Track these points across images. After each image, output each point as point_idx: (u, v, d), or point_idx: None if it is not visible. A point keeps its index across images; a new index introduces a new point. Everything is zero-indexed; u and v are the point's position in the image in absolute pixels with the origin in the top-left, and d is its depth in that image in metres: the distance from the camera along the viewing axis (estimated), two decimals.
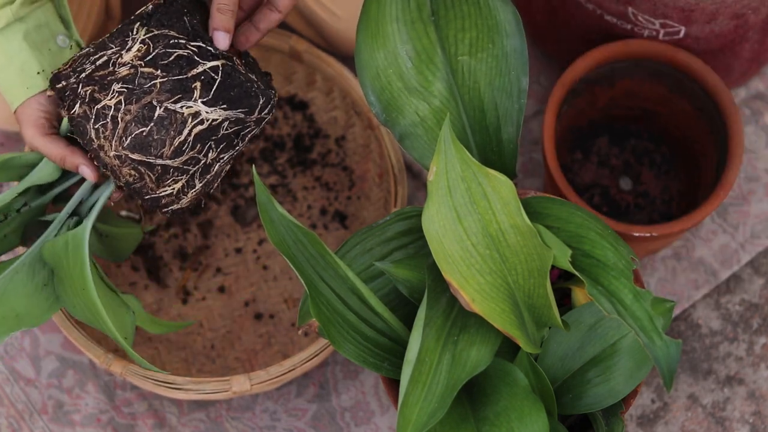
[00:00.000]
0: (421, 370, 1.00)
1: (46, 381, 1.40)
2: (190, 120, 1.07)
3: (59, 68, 1.11)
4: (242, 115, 1.09)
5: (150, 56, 1.07)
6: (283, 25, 1.48)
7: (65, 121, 1.13)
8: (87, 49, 1.11)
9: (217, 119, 1.08)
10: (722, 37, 1.35)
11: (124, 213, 1.43)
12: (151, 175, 1.09)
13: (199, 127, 1.08)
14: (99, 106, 1.07)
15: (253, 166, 1.05)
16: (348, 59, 1.46)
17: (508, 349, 1.09)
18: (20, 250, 1.30)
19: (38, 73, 1.12)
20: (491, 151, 1.12)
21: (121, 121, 1.07)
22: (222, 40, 1.08)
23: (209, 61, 1.07)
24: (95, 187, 1.16)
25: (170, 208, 1.13)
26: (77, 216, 1.19)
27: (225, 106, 1.08)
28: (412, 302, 1.08)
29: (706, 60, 1.38)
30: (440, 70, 1.12)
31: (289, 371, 1.27)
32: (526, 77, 1.11)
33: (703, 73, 1.34)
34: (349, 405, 1.40)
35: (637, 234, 1.29)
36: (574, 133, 1.45)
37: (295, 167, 1.45)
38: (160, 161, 1.08)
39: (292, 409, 1.40)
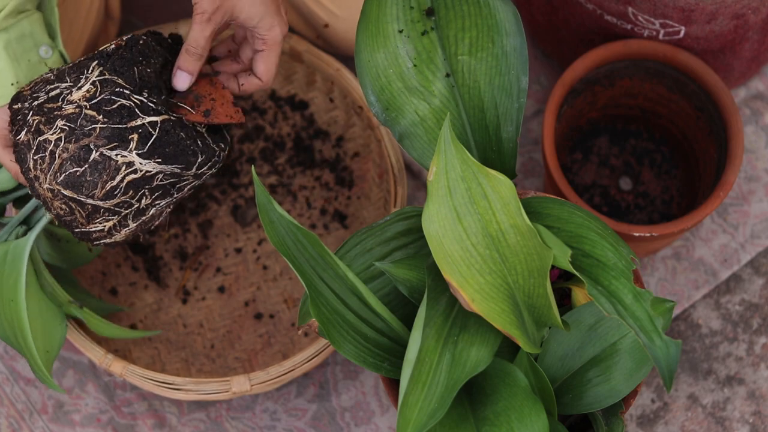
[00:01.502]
0: (421, 370, 1.00)
1: None
2: (123, 168, 1.09)
3: (22, 88, 1.13)
4: (178, 170, 1.11)
5: (95, 100, 1.09)
6: None
7: None
8: (49, 75, 1.13)
9: (151, 171, 1.10)
10: (722, 37, 1.35)
11: None
12: (82, 212, 1.11)
13: (133, 176, 1.10)
14: (41, 138, 1.09)
15: (253, 166, 1.05)
16: (348, 59, 1.46)
17: (508, 349, 1.09)
18: None
19: (12, 84, 1.14)
20: (491, 150, 1.12)
21: (59, 157, 1.09)
22: (181, 81, 1.12)
23: (149, 116, 1.09)
24: None
25: (102, 241, 1.14)
26: (27, 225, 1.21)
27: (160, 160, 1.10)
28: (412, 302, 1.08)
29: (706, 60, 1.38)
30: (440, 70, 1.12)
31: (289, 371, 1.27)
32: (525, 77, 1.11)
33: (703, 73, 1.34)
34: (349, 405, 1.40)
35: (637, 234, 1.29)
36: (574, 133, 1.45)
37: (295, 167, 1.45)
38: (90, 201, 1.10)
39: (292, 409, 1.40)
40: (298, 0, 1.40)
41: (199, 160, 1.12)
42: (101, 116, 1.09)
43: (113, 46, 1.12)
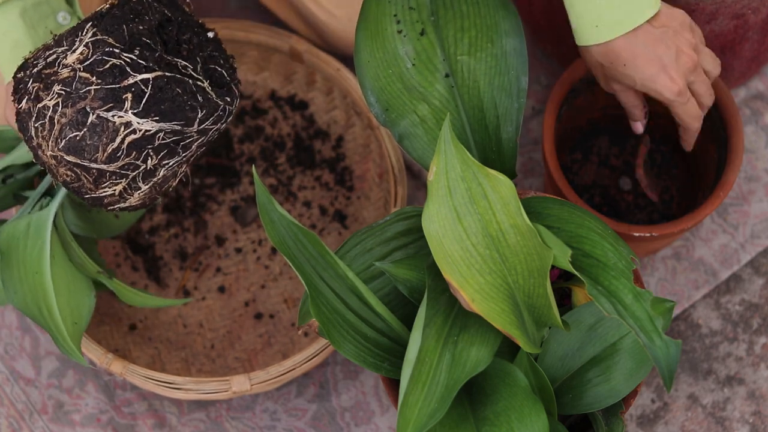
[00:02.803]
0: (421, 370, 1.00)
1: (46, 381, 1.40)
2: (122, 129, 1.07)
3: (27, 56, 1.11)
4: (178, 127, 1.08)
5: (88, 61, 1.07)
6: (283, 26, 1.48)
7: None
8: (49, 41, 1.11)
9: (151, 130, 1.07)
10: (722, 37, 1.35)
11: None
12: (88, 177, 1.09)
13: (132, 136, 1.07)
14: (40, 105, 1.08)
15: (253, 166, 1.05)
16: (348, 59, 1.46)
17: (508, 349, 1.09)
18: None
19: (30, 52, 1.12)
20: (491, 150, 1.12)
21: (57, 123, 1.07)
22: None
23: (140, 73, 1.06)
24: None
25: (117, 206, 1.12)
26: (50, 196, 1.19)
27: (157, 118, 1.07)
28: (412, 302, 1.08)
29: None
30: (439, 70, 1.12)
31: (289, 371, 1.27)
32: (525, 76, 1.11)
33: None
34: (349, 405, 1.40)
35: (637, 234, 1.29)
36: (574, 133, 1.45)
37: (295, 167, 1.45)
38: (94, 165, 1.08)
39: (292, 409, 1.39)
40: (297, 0, 1.40)
41: (199, 116, 1.08)
42: (94, 77, 1.06)
43: (106, 6, 1.10)
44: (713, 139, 1.37)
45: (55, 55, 1.08)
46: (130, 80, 1.06)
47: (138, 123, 1.06)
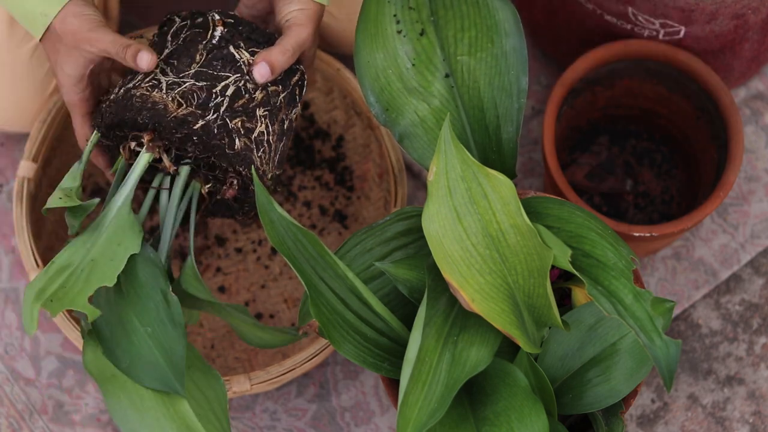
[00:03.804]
0: (421, 369, 1.00)
1: (46, 381, 1.40)
2: (293, 123, 1.16)
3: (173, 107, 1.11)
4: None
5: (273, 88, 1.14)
6: None
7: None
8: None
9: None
10: (722, 37, 1.35)
11: None
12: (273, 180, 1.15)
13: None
14: (255, 135, 1.11)
15: (253, 166, 1.05)
16: (348, 59, 1.46)
17: (508, 349, 1.09)
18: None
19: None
20: (491, 150, 1.12)
21: (273, 143, 1.13)
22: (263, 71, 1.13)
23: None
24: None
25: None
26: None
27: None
28: (412, 302, 1.08)
29: (706, 60, 1.38)
30: (439, 70, 1.12)
31: (289, 371, 1.27)
32: (525, 77, 1.11)
33: (703, 73, 1.34)
34: (349, 405, 1.40)
35: (637, 234, 1.29)
36: (574, 133, 1.45)
37: (294, 167, 1.45)
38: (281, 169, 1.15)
39: (292, 409, 1.40)
40: None
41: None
42: (279, 87, 1.13)
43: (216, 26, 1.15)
44: (713, 139, 1.37)
45: (231, 85, 1.11)
46: (296, 77, 1.14)
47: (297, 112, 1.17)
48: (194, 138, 1.08)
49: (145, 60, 1.10)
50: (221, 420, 1.07)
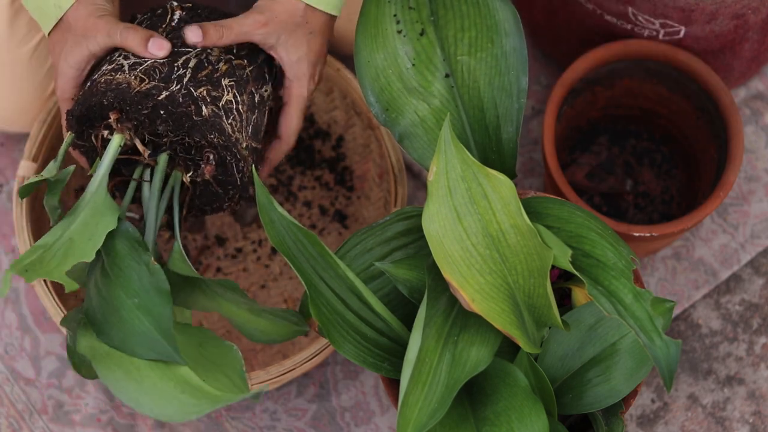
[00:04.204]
0: (421, 370, 1.00)
1: (46, 381, 1.40)
2: (266, 101, 1.16)
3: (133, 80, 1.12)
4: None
5: (231, 48, 1.14)
6: None
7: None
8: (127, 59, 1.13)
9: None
10: (722, 37, 1.35)
11: None
12: (251, 160, 1.13)
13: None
14: (222, 102, 1.10)
15: (254, 165, 1.05)
16: (348, 59, 1.46)
17: (508, 349, 1.09)
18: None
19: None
20: (491, 150, 1.12)
21: (244, 112, 1.12)
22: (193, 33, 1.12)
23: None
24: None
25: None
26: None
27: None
28: (412, 302, 1.08)
29: (706, 60, 1.38)
30: (439, 70, 1.12)
31: (289, 371, 1.27)
32: (525, 77, 1.11)
33: (703, 73, 1.34)
34: (349, 405, 1.40)
35: (637, 234, 1.29)
36: (574, 133, 1.45)
37: (295, 167, 1.45)
38: (258, 144, 1.14)
39: (292, 409, 1.40)
40: None
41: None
42: (245, 61, 1.14)
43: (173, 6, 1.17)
44: (713, 139, 1.37)
45: (193, 58, 1.11)
46: (262, 55, 1.15)
47: (271, 90, 1.16)
48: (161, 112, 1.08)
49: (158, 46, 1.11)
50: (232, 377, 1.06)
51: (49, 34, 1.14)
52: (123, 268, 1.07)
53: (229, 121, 1.10)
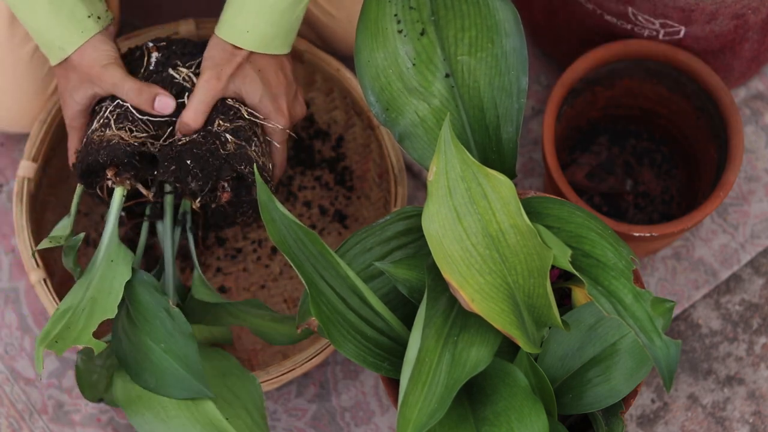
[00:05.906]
0: (421, 370, 1.00)
1: (46, 381, 1.40)
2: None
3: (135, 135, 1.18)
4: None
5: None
6: None
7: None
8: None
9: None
10: (722, 37, 1.35)
11: None
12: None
13: None
14: (247, 136, 1.18)
15: (255, 165, 1.05)
16: (348, 59, 1.46)
17: (508, 349, 1.09)
18: None
19: (88, 17, 1.16)
20: (491, 150, 1.12)
21: (262, 136, 1.19)
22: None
23: None
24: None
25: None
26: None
27: None
28: (412, 302, 1.08)
29: (706, 60, 1.38)
30: (440, 70, 1.12)
31: (289, 371, 1.27)
32: (525, 77, 1.11)
33: (703, 73, 1.35)
34: (349, 405, 1.40)
35: (637, 234, 1.29)
36: (574, 133, 1.45)
37: (295, 167, 1.45)
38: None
39: (292, 409, 1.39)
40: None
41: None
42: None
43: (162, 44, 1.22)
44: (713, 139, 1.37)
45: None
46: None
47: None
48: (188, 161, 1.14)
49: (164, 105, 1.17)
50: (253, 415, 1.16)
51: (54, 66, 1.19)
52: (147, 317, 1.15)
53: (253, 148, 1.15)
